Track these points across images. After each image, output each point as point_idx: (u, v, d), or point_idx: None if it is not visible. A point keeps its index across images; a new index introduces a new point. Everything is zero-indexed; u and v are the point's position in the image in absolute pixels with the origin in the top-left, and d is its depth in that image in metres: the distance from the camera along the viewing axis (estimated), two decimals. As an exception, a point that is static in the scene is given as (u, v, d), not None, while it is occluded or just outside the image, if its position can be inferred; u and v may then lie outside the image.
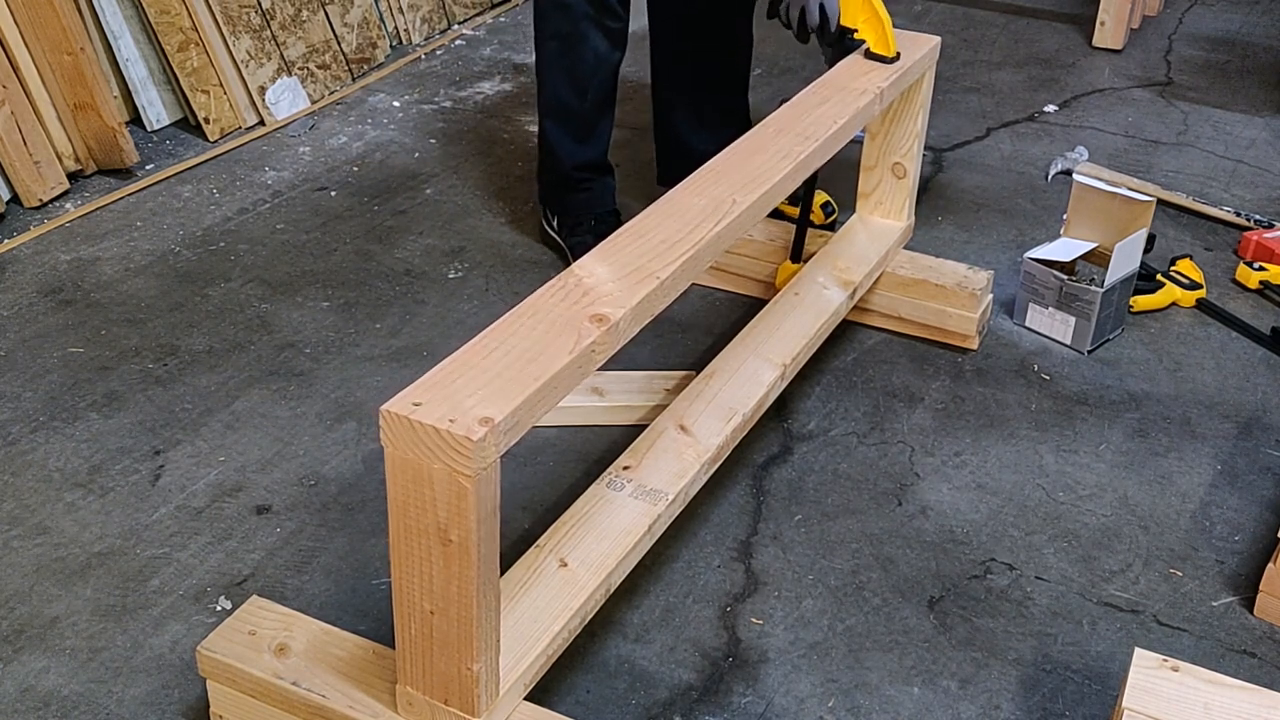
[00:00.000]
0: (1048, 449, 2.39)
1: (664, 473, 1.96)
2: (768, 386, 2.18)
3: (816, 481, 2.29)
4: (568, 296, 1.58)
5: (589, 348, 1.50)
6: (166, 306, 2.78)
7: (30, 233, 3.06)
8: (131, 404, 2.46)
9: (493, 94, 3.91)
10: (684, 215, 1.79)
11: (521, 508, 2.22)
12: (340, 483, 2.27)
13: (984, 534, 2.18)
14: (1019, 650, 1.95)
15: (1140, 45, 4.40)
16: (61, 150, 3.24)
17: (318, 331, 2.70)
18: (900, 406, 2.49)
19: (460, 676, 1.51)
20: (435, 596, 1.46)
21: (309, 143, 3.56)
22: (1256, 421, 2.47)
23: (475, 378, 1.42)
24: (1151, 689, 1.56)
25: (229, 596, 2.02)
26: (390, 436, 1.38)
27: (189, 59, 3.49)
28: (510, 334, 1.50)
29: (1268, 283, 2.89)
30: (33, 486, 2.25)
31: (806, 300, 2.43)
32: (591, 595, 1.75)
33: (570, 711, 1.81)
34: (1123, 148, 3.60)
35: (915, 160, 2.61)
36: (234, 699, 1.70)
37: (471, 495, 1.36)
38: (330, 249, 3.03)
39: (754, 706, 1.84)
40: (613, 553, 1.81)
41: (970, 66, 4.19)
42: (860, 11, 2.39)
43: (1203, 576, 2.10)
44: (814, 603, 2.03)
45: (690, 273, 1.71)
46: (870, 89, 2.25)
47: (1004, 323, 2.76)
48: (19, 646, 1.92)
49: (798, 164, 1.97)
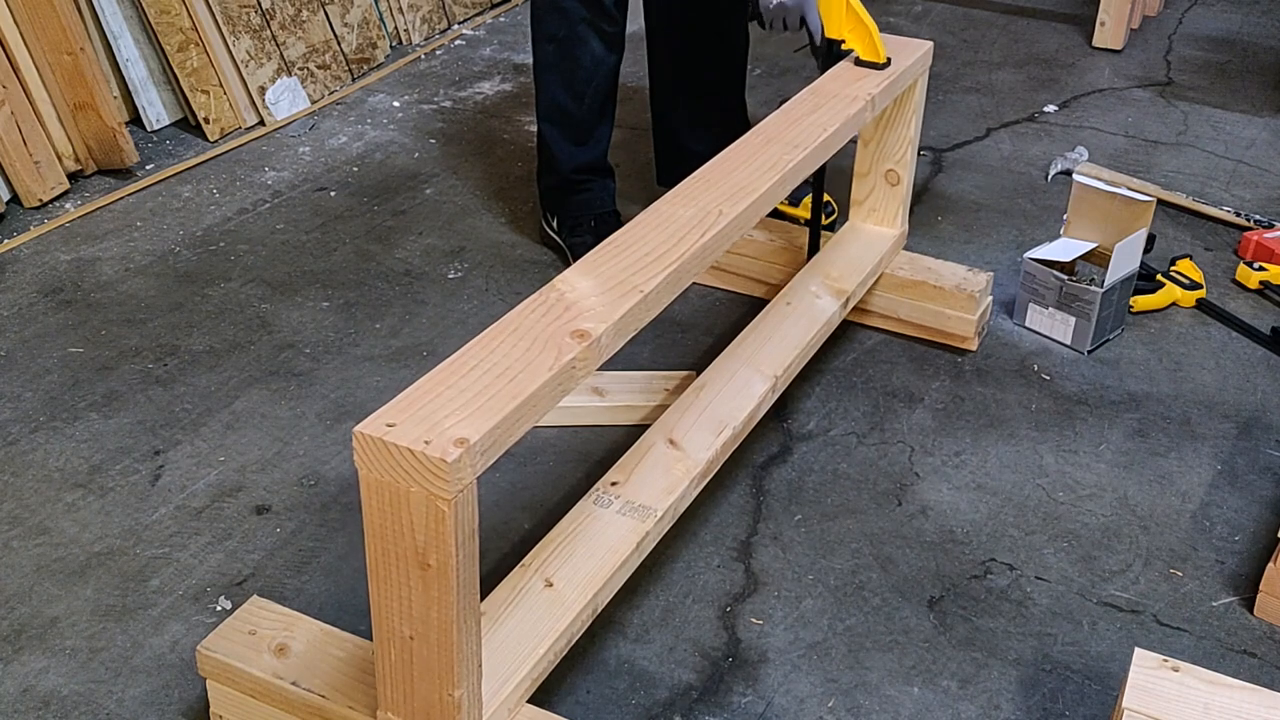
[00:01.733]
0: (1048, 449, 2.39)
1: (653, 488, 1.93)
2: (759, 399, 2.16)
3: (816, 481, 2.29)
4: (549, 312, 1.56)
5: (569, 364, 1.47)
6: (166, 306, 2.78)
7: (30, 233, 3.06)
8: (131, 404, 2.46)
9: (493, 94, 3.91)
10: (670, 226, 1.76)
11: (522, 508, 2.22)
12: (340, 483, 2.27)
13: (984, 534, 2.18)
14: (1019, 650, 1.95)
15: (1140, 45, 4.40)
16: (61, 150, 3.24)
17: (318, 331, 2.70)
18: (900, 406, 2.49)
19: (442, 703, 1.48)
20: (415, 621, 1.43)
21: (309, 143, 3.56)
22: (1256, 421, 2.47)
23: (452, 397, 1.39)
24: (1151, 689, 1.56)
25: (229, 596, 2.02)
26: (364, 459, 1.34)
27: (189, 59, 3.49)
28: (489, 351, 1.47)
29: (1268, 283, 2.89)
30: (33, 486, 2.25)
31: (799, 310, 2.41)
32: (578, 616, 1.72)
33: (570, 712, 1.81)
34: (1123, 148, 3.60)
35: (909, 167, 2.60)
36: (234, 699, 1.70)
37: (449, 519, 1.32)
38: (330, 249, 3.03)
39: (754, 706, 1.84)
40: (600, 572, 1.78)
41: (970, 66, 4.19)
42: (845, 21, 2.38)
43: (1203, 576, 2.10)
44: (814, 603, 2.03)
45: (675, 286, 1.68)
46: (861, 96, 2.24)
47: (1004, 323, 2.76)
48: (19, 646, 1.92)
49: (786, 173, 1.95)
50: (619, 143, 3.57)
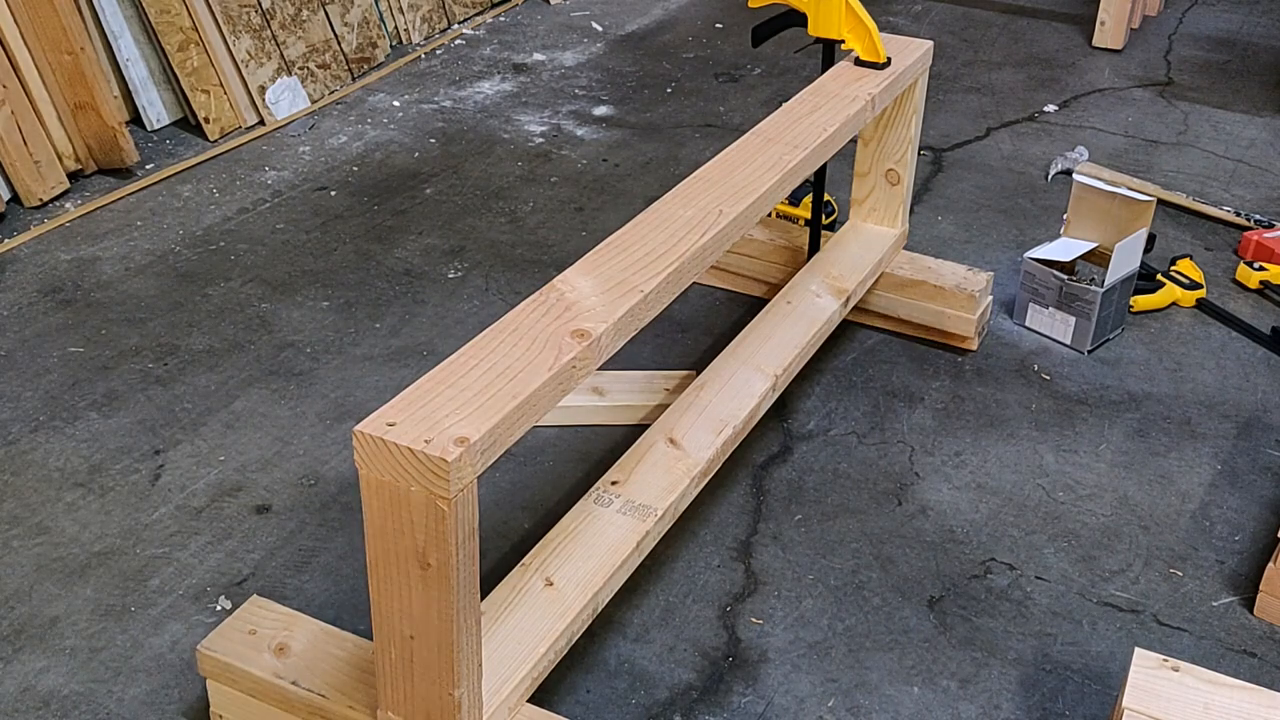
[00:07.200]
0: (1048, 449, 2.39)
1: (653, 488, 1.93)
2: (759, 398, 2.16)
3: (816, 481, 2.29)
4: (549, 311, 1.56)
5: (569, 364, 1.47)
6: (166, 306, 2.78)
7: (30, 232, 3.06)
8: (131, 404, 2.46)
9: (493, 94, 3.91)
10: (670, 226, 1.77)
11: (522, 508, 2.21)
12: (340, 482, 2.27)
13: (984, 534, 2.18)
14: (1019, 650, 1.95)
15: (1140, 45, 4.39)
16: (61, 150, 3.24)
17: (317, 331, 2.70)
18: (900, 406, 2.49)
19: (442, 702, 1.48)
20: (415, 621, 1.43)
21: (309, 142, 3.56)
22: (1256, 421, 2.47)
23: (452, 396, 1.39)
24: (1151, 689, 1.56)
25: (229, 596, 2.02)
26: (364, 458, 1.34)
27: (189, 59, 3.49)
28: (490, 350, 1.47)
29: (1268, 283, 2.89)
30: (33, 486, 2.25)
31: (799, 309, 2.41)
32: (578, 615, 1.72)
33: (571, 711, 1.81)
34: (1123, 148, 3.60)
35: (909, 166, 2.60)
36: (234, 698, 1.70)
37: (450, 518, 1.32)
38: (330, 249, 3.03)
39: (754, 706, 1.84)
40: (600, 571, 1.78)
41: (970, 66, 4.19)
42: (845, 21, 2.38)
43: (1203, 576, 2.10)
44: (814, 602, 2.03)
45: (675, 286, 1.69)
46: (861, 96, 2.24)
47: (1004, 323, 2.76)
48: (19, 646, 1.92)
49: (786, 173, 1.96)
50: (619, 143, 3.58)
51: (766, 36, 2.53)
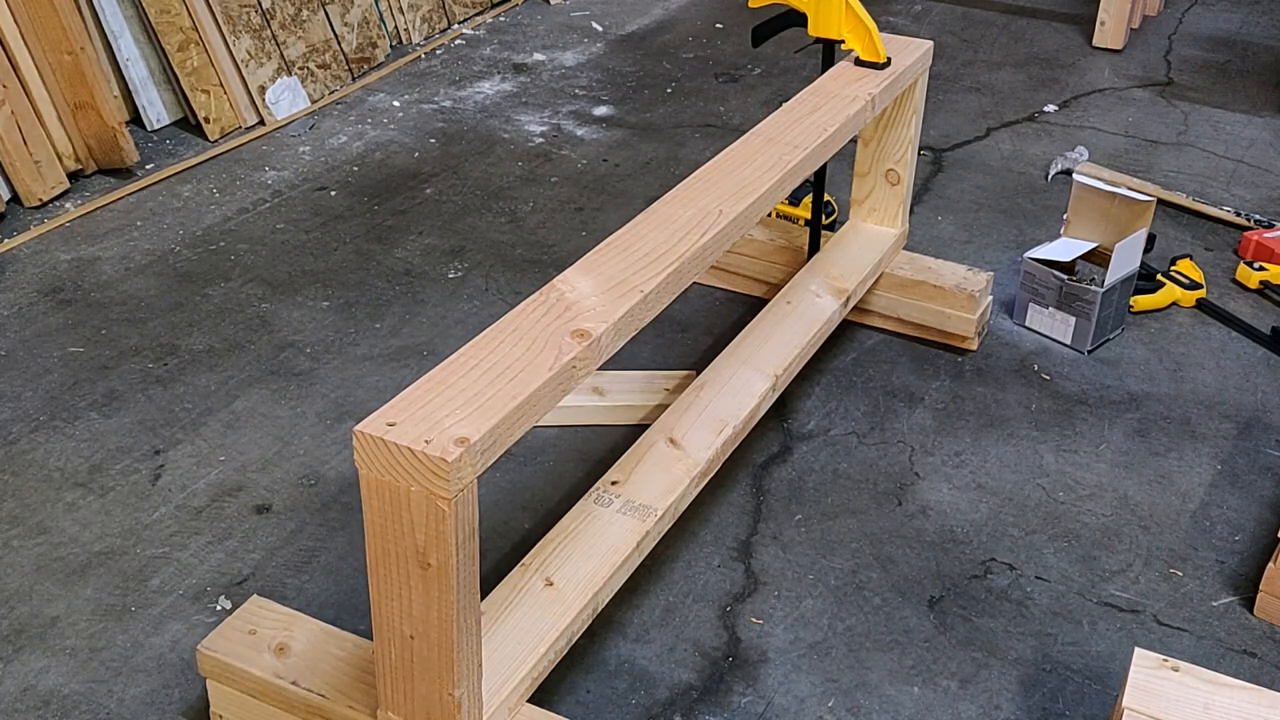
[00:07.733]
0: (1048, 449, 2.39)
1: (653, 487, 1.93)
2: (759, 398, 2.16)
3: (816, 481, 2.29)
4: (550, 311, 1.56)
5: (569, 364, 1.47)
6: (166, 306, 2.78)
7: (30, 232, 3.06)
8: (131, 403, 2.46)
9: (493, 94, 3.91)
10: (670, 226, 1.77)
11: (522, 508, 2.21)
12: (340, 482, 2.27)
13: (984, 534, 2.18)
14: (1019, 650, 1.95)
15: (1140, 45, 4.40)
16: (61, 150, 3.24)
17: (317, 331, 2.70)
18: (900, 406, 2.49)
19: (442, 702, 1.48)
20: (415, 621, 1.43)
21: (309, 142, 3.56)
22: (1256, 421, 2.47)
23: (453, 396, 1.39)
24: (1151, 689, 1.56)
25: (229, 596, 2.02)
26: (364, 458, 1.34)
27: (189, 58, 3.49)
28: (490, 350, 1.47)
29: (1268, 283, 2.89)
30: (33, 486, 2.25)
31: (799, 309, 2.41)
32: (578, 615, 1.72)
33: (571, 711, 1.81)
34: (1123, 148, 3.60)
35: (909, 166, 2.60)
36: (234, 698, 1.70)
37: (450, 518, 1.32)
38: (330, 249, 3.03)
39: (754, 706, 1.84)
40: (600, 571, 1.78)
41: (970, 66, 4.19)
42: (845, 21, 2.38)
43: (1203, 576, 2.10)
44: (814, 602, 2.03)
45: (675, 286, 1.69)
46: (861, 96, 2.24)
47: (1004, 323, 2.76)
48: (19, 646, 1.92)
49: (786, 174, 1.96)
50: (619, 143, 3.58)
51: (766, 36, 2.53)
